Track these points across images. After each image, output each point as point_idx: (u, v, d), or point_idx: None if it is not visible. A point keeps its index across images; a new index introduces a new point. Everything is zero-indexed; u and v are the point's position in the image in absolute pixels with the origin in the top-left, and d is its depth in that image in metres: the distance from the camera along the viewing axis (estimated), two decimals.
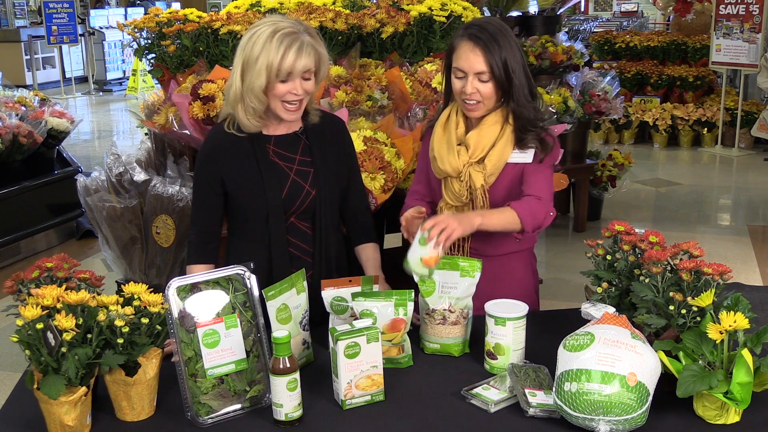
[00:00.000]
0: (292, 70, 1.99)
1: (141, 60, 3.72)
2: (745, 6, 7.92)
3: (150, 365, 1.65)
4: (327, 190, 2.15)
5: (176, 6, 14.88)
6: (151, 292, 1.66)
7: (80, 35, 13.41)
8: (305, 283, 1.94)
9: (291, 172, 2.13)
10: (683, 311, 1.70)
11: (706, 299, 1.66)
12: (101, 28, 14.33)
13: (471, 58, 2.09)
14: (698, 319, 1.69)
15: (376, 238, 2.31)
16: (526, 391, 1.71)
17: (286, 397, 1.63)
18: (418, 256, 1.80)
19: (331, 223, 2.20)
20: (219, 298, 1.74)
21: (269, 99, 2.04)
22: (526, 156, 2.16)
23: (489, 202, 2.19)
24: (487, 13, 5.63)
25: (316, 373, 1.86)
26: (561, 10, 6.03)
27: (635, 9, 16.00)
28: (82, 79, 14.25)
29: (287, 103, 2.04)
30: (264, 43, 1.98)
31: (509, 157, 2.16)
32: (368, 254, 2.27)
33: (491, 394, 1.74)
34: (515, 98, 2.12)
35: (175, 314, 1.68)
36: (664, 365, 1.65)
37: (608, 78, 5.52)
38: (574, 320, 2.05)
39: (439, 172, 2.23)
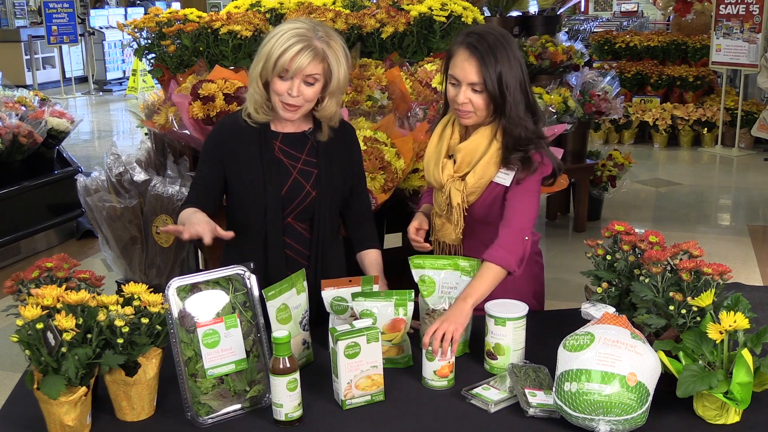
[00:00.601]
0: (289, 68, 1.98)
1: (141, 60, 3.72)
2: (745, 6, 7.92)
3: (150, 365, 1.65)
4: (328, 193, 2.15)
5: (176, 6, 14.88)
6: (151, 292, 1.66)
7: (80, 35, 13.41)
8: (305, 283, 1.94)
9: (294, 171, 2.12)
10: (683, 311, 1.70)
11: (706, 299, 1.66)
12: (101, 28, 14.32)
13: (465, 68, 2.05)
14: (698, 319, 1.69)
15: (379, 245, 2.31)
16: (526, 391, 1.71)
17: (286, 397, 1.63)
18: (432, 371, 1.81)
19: (329, 227, 2.19)
20: (219, 298, 1.74)
21: (271, 95, 2.05)
22: (507, 178, 2.11)
23: (465, 220, 2.17)
24: (487, 13, 5.63)
25: (316, 373, 1.86)
26: (561, 10, 6.03)
27: (635, 9, 16.00)
28: (82, 79, 14.24)
29: (285, 103, 2.04)
30: (278, 37, 2.00)
31: (494, 176, 2.12)
32: (371, 259, 2.25)
33: (491, 394, 1.74)
34: (507, 115, 2.06)
35: (175, 314, 1.68)
36: (664, 365, 1.65)
37: (608, 78, 5.52)
38: (574, 320, 2.05)
39: (428, 182, 2.28)
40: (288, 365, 1.62)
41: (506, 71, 2.03)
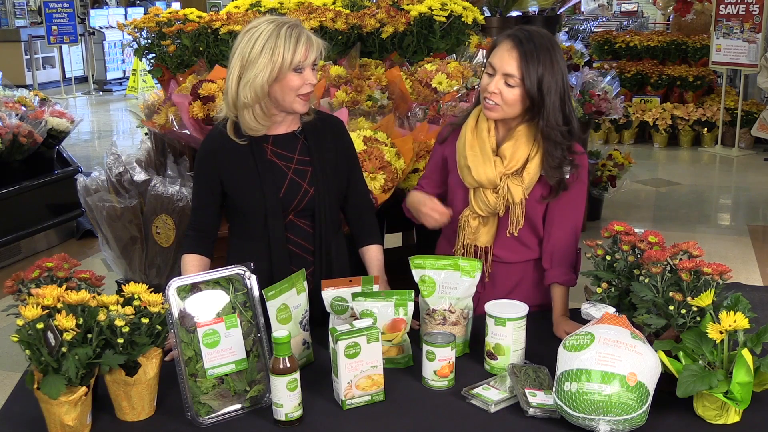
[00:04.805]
0: (305, 59, 2.01)
1: (141, 60, 3.72)
2: (745, 6, 7.92)
3: (150, 365, 1.65)
4: (325, 188, 2.16)
5: (176, 6, 14.88)
6: (151, 292, 1.66)
7: (80, 35, 13.41)
8: (305, 283, 1.94)
9: (289, 171, 2.14)
10: (683, 311, 1.70)
11: (705, 299, 1.66)
12: (101, 28, 14.33)
13: (505, 58, 2.04)
14: (698, 319, 1.69)
15: (380, 240, 2.31)
16: (526, 391, 1.71)
17: (286, 397, 1.63)
18: (432, 371, 1.81)
19: (331, 221, 2.21)
20: (219, 298, 1.74)
21: (281, 94, 2.04)
22: (567, 171, 2.13)
23: (498, 220, 2.18)
24: (487, 13, 5.63)
25: (316, 373, 1.86)
26: (561, 10, 6.03)
27: (635, 9, 16.00)
28: (82, 79, 14.24)
29: (302, 95, 2.06)
30: (267, 39, 1.99)
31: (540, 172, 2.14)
32: (372, 255, 2.27)
33: (491, 394, 1.74)
34: (545, 118, 2.05)
35: (175, 314, 1.68)
36: (664, 365, 1.65)
37: (608, 78, 5.51)
38: (574, 320, 2.05)
39: (470, 182, 2.16)
40: (288, 365, 1.63)
41: (548, 75, 2.02)
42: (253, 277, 1.78)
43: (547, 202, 2.17)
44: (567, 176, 2.12)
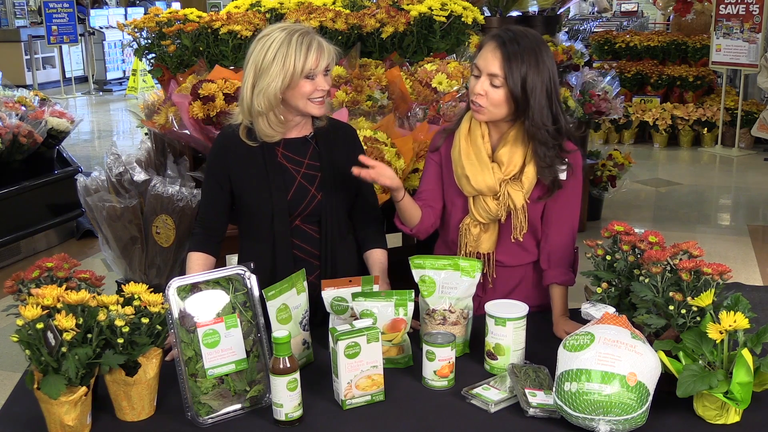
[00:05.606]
0: (317, 66, 2.02)
1: (141, 60, 3.72)
2: (745, 6, 7.92)
3: (150, 365, 1.65)
4: (334, 194, 2.16)
5: (176, 6, 14.88)
6: (151, 292, 1.66)
7: (80, 35, 13.41)
8: (305, 283, 1.94)
9: (298, 176, 2.14)
10: (683, 311, 1.70)
11: (705, 299, 1.66)
12: (101, 28, 14.33)
13: (489, 59, 2.03)
14: (698, 319, 1.69)
15: (385, 245, 2.31)
16: (526, 391, 1.71)
17: (286, 397, 1.63)
18: (432, 371, 1.81)
19: (338, 227, 2.21)
20: (219, 298, 1.74)
21: (294, 100, 2.05)
22: (563, 173, 2.13)
23: (498, 224, 2.19)
24: (487, 13, 5.63)
25: (316, 373, 1.86)
26: (561, 10, 6.03)
27: (635, 9, 16.00)
28: (82, 79, 14.24)
29: (315, 99, 2.06)
30: (279, 47, 2.00)
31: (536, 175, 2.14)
32: (375, 258, 2.27)
33: (491, 394, 1.74)
34: (530, 117, 2.04)
35: (175, 314, 1.68)
36: (664, 365, 1.65)
37: (608, 78, 5.51)
38: (574, 320, 2.05)
39: (469, 191, 2.16)
40: (288, 365, 1.63)
41: (532, 75, 2.01)
42: (253, 277, 1.78)
43: (544, 202, 2.17)
44: (563, 176, 2.12)
